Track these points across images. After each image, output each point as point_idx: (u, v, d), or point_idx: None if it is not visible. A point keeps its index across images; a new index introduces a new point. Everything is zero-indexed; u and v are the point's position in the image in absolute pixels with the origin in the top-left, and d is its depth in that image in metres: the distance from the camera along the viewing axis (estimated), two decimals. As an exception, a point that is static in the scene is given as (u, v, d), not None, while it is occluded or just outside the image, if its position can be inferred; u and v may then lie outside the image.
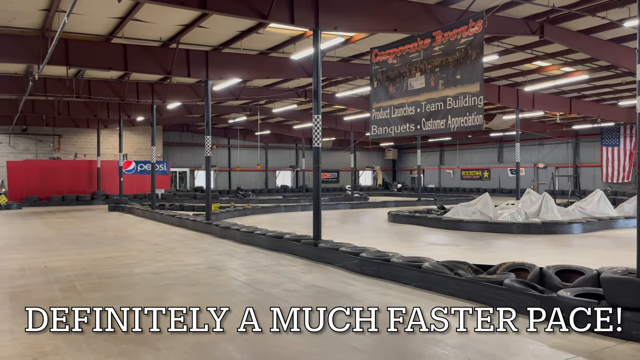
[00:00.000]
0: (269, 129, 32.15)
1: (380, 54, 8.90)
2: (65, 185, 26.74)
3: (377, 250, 7.96)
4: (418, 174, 27.50)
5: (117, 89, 18.37)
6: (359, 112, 25.15)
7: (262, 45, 13.86)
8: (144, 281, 7.23)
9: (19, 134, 28.39)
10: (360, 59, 15.10)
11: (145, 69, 13.81)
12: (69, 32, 11.86)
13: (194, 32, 12.38)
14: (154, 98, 18.89)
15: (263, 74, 15.31)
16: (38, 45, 11.83)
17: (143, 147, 31.15)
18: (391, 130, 8.67)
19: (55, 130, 28.90)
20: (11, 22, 11.40)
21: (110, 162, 27.83)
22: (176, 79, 17.90)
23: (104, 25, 11.96)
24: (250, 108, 24.77)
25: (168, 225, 15.20)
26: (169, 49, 13.49)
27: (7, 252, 9.90)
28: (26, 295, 6.25)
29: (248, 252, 9.74)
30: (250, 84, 19.05)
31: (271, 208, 20.75)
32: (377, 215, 18.81)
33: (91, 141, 29.33)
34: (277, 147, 39.10)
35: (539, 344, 4.40)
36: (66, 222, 16.50)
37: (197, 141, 34.24)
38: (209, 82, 14.11)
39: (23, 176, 25.80)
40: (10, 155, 27.92)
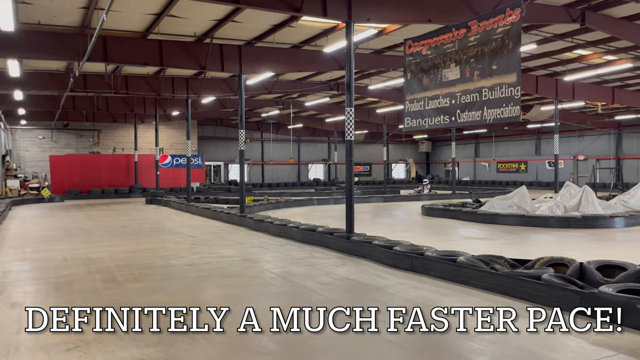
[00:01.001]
0: (301, 122, 32.25)
1: (414, 45, 8.78)
2: (105, 178, 27.55)
3: (411, 244, 7.90)
4: (453, 166, 27.10)
5: (153, 84, 18.75)
6: (391, 104, 24.93)
7: (294, 38, 13.89)
8: (180, 272, 7.39)
9: (61, 129, 29.38)
10: (394, 51, 14.94)
11: (180, 64, 14.03)
12: (107, 29, 12.16)
13: (228, 27, 12.50)
14: (189, 93, 19.19)
15: (296, 68, 15.34)
16: (78, 42, 12.18)
17: (178, 141, 31.76)
18: (425, 122, 8.56)
19: (94, 125, 29.79)
20: (52, 20, 11.76)
21: (147, 156, 28.50)
22: (210, 74, 18.14)
23: (140, 22, 12.21)
24: (282, 102, 24.89)
25: (203, 218, 15.47)
26: (203, 44, 13.67)
27: (52, 244, 10.29)
28: (69, 285, 6.48)
29: (281, 245, 9.83)
30: (282, 78, 19.13)
31: (303, 201, 20.86)
32: (411, 209, 18.65)
33: (129, 136, 30.10)
34: (309, 141, 39.20)
35: (579, 340, 4.28)
36: (106, 215, 17.01)
37: (231, 135, 34.67)
38: (243, 76, 14.24)
39: (65, 170, 26.70)
40: (53, 150, 28.95)
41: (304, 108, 26.35)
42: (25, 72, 16.17)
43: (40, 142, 29.25)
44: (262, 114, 30.05)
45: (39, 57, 13.50)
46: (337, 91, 20.66)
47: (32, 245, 10.11)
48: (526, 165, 36.45)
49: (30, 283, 6.75)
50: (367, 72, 17.92)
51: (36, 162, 28.98)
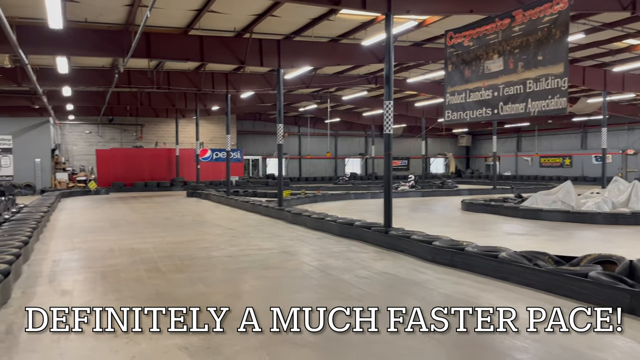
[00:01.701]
0: (338, 116, 32.20)
1: (456, 37, 8.61)
2: (147, 172, 28.30)
3: (450, 239, 7.79)
4: (494, 161, 26.49)
5: (193, 80, 19.11)
6: (430, 97, 24.55)
7: (333, 32, 13.86)
8: (220, 264, 7.53)
9: (106, 124, 30.36)
10: (433, 43, 14.70)
11: (220, 59, 14.24)
12: (150, 26, 12.46)
13: (266, 22, 12.59)
14: (228, 88, 19.48)
15: (334, 61, 15.32)
16: (122, 39, 12.54)
17: (218, 136, 32.28)
18: (466, 115, 8.40)
19: (137, 120, 30.64)
20: (98, 17, 12.14)
21: (188, 150, 29.10)
22: (249, 69, 18.34)
23: (182, 18, 12.45)
24: (320, 96, 24.90)
25: (242, 211, 15.70)
26: (243, 39, 13.82)
27: (99, 234, 10.67)
28: (116, 275, 6.71)
29: (319, 238, 9.87)
30: (320, 72, 19.14)
31: (340, 195, 20.84)
32: (450, 204, 18.37)
33: (170, 130, 30.80)
34: (346, 135, 39.11)
35: (628, 340, 4.13)
36: (149, 207, 17.49)
37: (269, 129, 34.98)
38: (281, 70, 14.33)
39: (110, 163, 27.58)
40: (99, 144, 29.97)
41: (341, 102, 26.29)
42: (73, 69, 16.78)
43: (87, 137, 30.32)
44: (299, 109, 30.17)
45: (85, 54, 13.96)
46: (375, 84, 20.51)
47: (80, 235, 10.52)
48: (571, 160, 35.23)
49: (79, 272, 7.02)
50: (406, 64, 17.70)
51: (83, 155, 30.07)
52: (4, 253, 6.62)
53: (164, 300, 5.41)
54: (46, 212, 12.98)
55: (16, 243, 7.49)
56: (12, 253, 6.64)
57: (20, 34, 10.99)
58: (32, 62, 14.86)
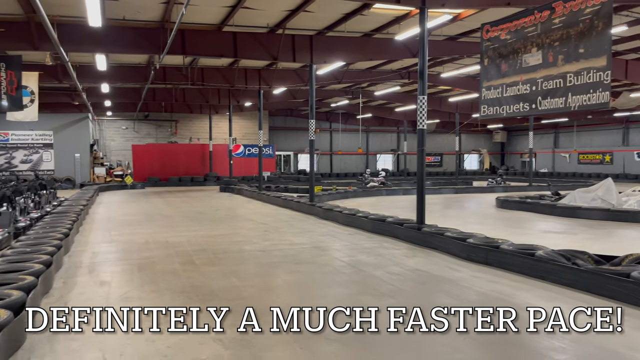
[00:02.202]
0: (370, 112, 32.02)
1: (492, 30, 8.41)
2: (181, 167, 28.81)
3: (485, 236, 7.64)
4: (530, 157, 25.88)
5: (227, 76, 19.32)
6: (465, 92, 24.13)
7: (365, 26, 13.76)
8: (253, 258, 7.61)
9: (142, 120, 31.04)
10: (469, 37, 14.42)
11: (253, 55, 14.34)
12: (185, 23, 12.64)
13: (299, 17, 12.60)
14: (261, 84, 19.60)
15: (366, 56, 15.21)
16: (158, 36, 12.77)
17: (250, 132, 32.59)
18: (502, 110, 8.20)
19: (172, 116, 31.21)
20: (136, 15, 12.39)
21: (221, 146, 29.48)
22: (282, 65, 18.40)
23: (216, 15, 12.58)
24: (352, 91, 24.81)
25: (274, 206, 15.81)
26: (276, 35, 13.88)
27: (135, 227, 10.94)
28: (151, 267, 6.86)
29: (350, 234, 9.85)
30: (352, 67, 19.04)
31: (372, 191, 20.76)
32: (484, 201, 18.05)
33: (204, 126, 31.26)
34: (378, 131, 38.87)
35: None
36: (183, 201, 17.82)
37: (301, 125, 35.09)
38: (313, 66, 14.33)
39: (145, 158, 28.21)
40: (135, 139, 30.68)
41: (374, 97, 26.13)
42: (111, 66, 17.20)
43: (124, 132, 31.08)
44: (331, 104, 30.13)
45: (123, 51, 14.29)
46: (408, 80, 20.29)
47: (117, 228, 10.81)
48: (612, 157, 34.07)
49: (116, 263, 7.22)
50: (440, 59, 17.45)
51: (120, 151, 30.86)
52: (46, 245, 6.86)
53: (198, 292, 5.49)
54: (85, 205, 13.38)
55: (57, 235, 7.75)
56: (53, 245, 6.87)
57: (61, 32, 11.31)
58: (72, 59, 15.30)
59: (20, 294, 4.39)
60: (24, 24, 11.96)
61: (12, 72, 12.88)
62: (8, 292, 4.45)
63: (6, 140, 25.53)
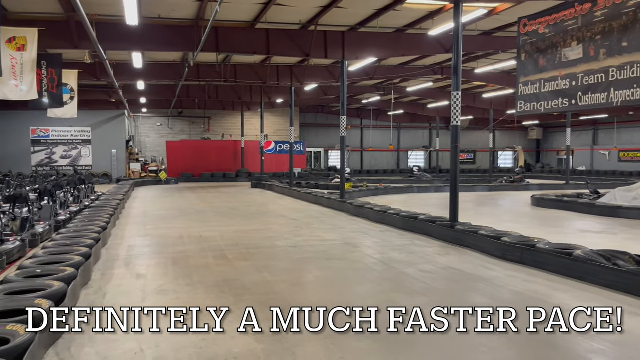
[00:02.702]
0: (402, 108, 31.73)
1: (530, 24, 8.20)
2: (214, 163, 29.22)
3: (521, 235, 7.48)
4: (567, 155, 25.16)
5: (259, 73, 19.46)
6: (499, 88, 23.64)
7: (398, 22, 13.63)
8: (285, 253, 7.66)
9: (176, 117, 31.60)
10: (504, 31, 14.11)
11: (285, 52, 14.40)
12: (219, 20, 12.76)
13: (332, 13, 12.57)
14: (293, 80, 19.67)
15: (399, 52, 15.07)
16: (193, 34, 12.96)
17: (282, 128, 32.77)
18: (540, 106, 8.00)
19: (205, 113, 31.66)
20: (171, 13, 12.60)
21: (253, 142, 29.75)
22: (313, 61, 18.42)
23: (249, 12, 12.68)
24: (383, 87, 24.64)
25: (305, 202, 15.86)
26: (308, 32, 13.89)
27: (170, 222, 11.16)
28: (185, 261, 6.98)
29: (381, 231, 9.79)
30: (384, 63, 18.90)
31: (403, 189, 20.60)
32: (519, 199, 17.67)
33: (236, 123, 31.60)
34: (409, 127, 38.48)
35: None
36: (215, 197, 18.07)
37: (332, 122, 35.06)
38: (345, 62, 14.29)
39: (179, 154, 28.72)
40: (169, 135, 31.27)
41: (405, 94, 25.88)
42: (146, 64, 17.54)
43: (158, 129, 31.71)
44: (362, 101, 30.01)
45: (158, 49, 14.57)
46: (441, 75, 20.02)
47: (152, 222, 11.04)
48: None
49: (151, 257, 7.38)
50: (474, 54, 17.12)
51: (154, 147, 31.51)
52: (85, 237, 7.07)
53: (231, 286, 5.56)
54: (121, 200, 13.71)
55: (95, 229, 7.97)
56: (92, 238, 7.07)
57: (100, 31, 11.62)
58: (110, 57, 15.68)
59: (61, 285, 4.54)
60: (64, 23, 12.33)
61: (53, 70, 13.30)
62: (50, 282, 4.60)
63: (47, 137, 26.41)
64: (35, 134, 26.18)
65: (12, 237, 7.53)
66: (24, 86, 11.37)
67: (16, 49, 11.07)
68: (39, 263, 5.53)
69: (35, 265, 5.38)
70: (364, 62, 16.15)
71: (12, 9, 11.81)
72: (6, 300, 4.15)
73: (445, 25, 11.97)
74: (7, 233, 7.66)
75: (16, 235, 7.78)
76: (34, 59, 11.15)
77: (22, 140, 25.87)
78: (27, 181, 17.31)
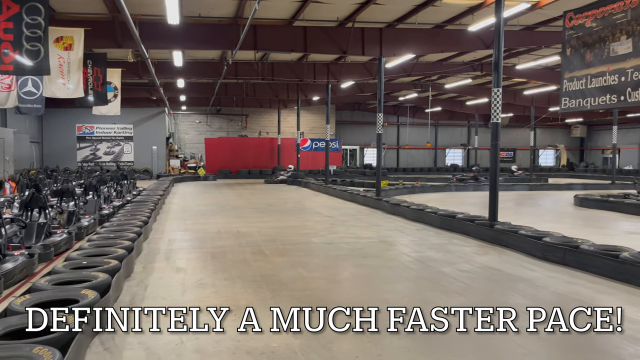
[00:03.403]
0: (439, 105, 31.27)
1: (576, 18, 7.93)
2: (251, 160, 29.55)
3: (563, 236, 7.26)
4: (613, 153, 24.24)
5: (296, 70, 19.55)
6: (541, 85, 23.01)
7: (437, 18, 13.43)
8: (320, 250, 7.69)
9: (214, 114, 32.14)
10: (547, 26, 13.71)
11: (322, 49, 14.43)
12: (257, 18, 12.87)
13: (369, 10, 12.51)
14: (329, 77, 19.67)
15: (437, 48, 14.87)
16: (231, 32, 13.13)
17: (317, 126, 32.84)
18: (587, 103, 7.72)
19: (243, 111, 32.06)
20: (210, 12, 12.81)
21: (289, 140, 29.93)
22: (350, 58, 18.37)
23: (287, 10, 12.76)
24: (421, 84, 24.35)
25: (340, 200, 15.86)
26: (345, 29, 13.87)
27: (208, 217, 11.37)
28: (223, 255, 7.10)
29: (418, 230, 9.70)
30: (422, 60, 18.65)
31: (440, 187, 20.30)
32: (561, 199, 17.16)
33: (272, 120, 31.86)
34: (447, 125, 37.87)
35: None
36: (252, 193, 18.30)
37: (367, 119, 34.89)
38: (382, 59, 14.19)
39: (217, 151, 29.20)
40: (207, 133, 31.82)
41: (443, 91, 25.51)
42: (186, 62, 17.92)
43: (197, 126, 32.32)
44: (399, 98, 29.74)
45: (198, 47, 14.85)
46: (481, 72, 19.62)
47: (191, 217, 11.28)
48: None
49: (191, 251, 7.54)
50: (515, 50, 16.72)
51: (193, 144, 32.13)
52: (127, 231, 7.30)
53: (267, 282, 5.63)
54: (162, 195, 14.07)
55: (137, 223, 8.22)
56: (134, 232, 7.29)
57: (142, 30, 11.91)
58: (151, 56, 16.07)
59: (106, 277, 4.70)
60: (108, 23, 12.72)
61: (98, 69, 13.76)
62: (95, 274, 4.78)
63: (92, 133, 27.32)
64: (81, 131, 27.11)
65: (59, 229, 7.84)
66: (71, 84, 11.81)
67: (63, 49, 11.51)
68: (84, 255, 5.75)
69: (81, 257, 5.60)
70: (402, 58, 15.99)
71: (60, 9, 12.26)
72: (55, 290, 4.33)
73: (485, 20, 11.73)
74: (54, 226, 7.98)
75: (63, 228, 8.09)
76: (80, 58, 11.57)
77: (69, 137, 26.84)
78: (73, 176, 17.97)
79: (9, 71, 9.46)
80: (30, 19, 8.81)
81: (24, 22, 8.79)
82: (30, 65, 8.99)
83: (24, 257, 5.77)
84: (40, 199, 7.72)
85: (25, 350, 3.02)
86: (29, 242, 6.94)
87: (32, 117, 23.85)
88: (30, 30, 8.80)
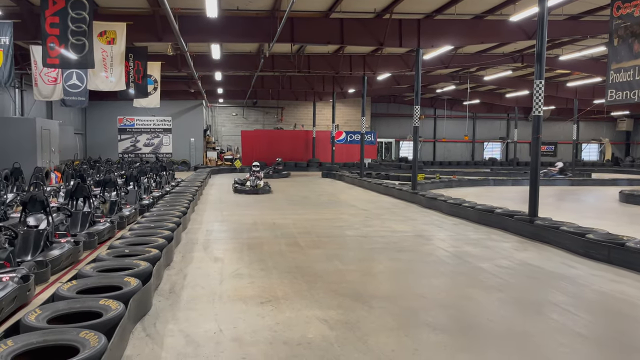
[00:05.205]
0: (478, 97, 30.61)
1: (624, 7, 7.59)
2: (286, 152, 29.70)
3: (608, 233, 7.02)
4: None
5: (332, 63, 19.48)
6: (585, 76, 22.20)
7: (477, 8, 13.12)
8: (355, 243, 7.68)
9: (250, 107, 32.43)
10: (593, 15, 13.20)
11: (359, 41, 14.31)
12: (294, 11, 12.86)
13: (407, 1, 12.34)
14: (365, 70, 19.53)
15: (477, 40, 14.52)
16: (269, 25, 13.19)
17: (352, 118, 32.71)
18: (634, 95, 7.41)
19: (278, 103, 32.23)
20: (248, 5, 12.90)
21: (324, 132, 29.94)
22: (386, 50, 18.16)
23: (324, 2, 12.72)
24: (459, 76, 23.87)
25: (375, 193, 15.79)
26: (382, 20, 13.72)
27: (244, 209, 11.52)
28: (259, 246, 7.19)
29: (455, 224, 9.56)
30: (460, 51, 18.28)
31: (478, 181, 19.94)
32: (605, 194, 16.58)
33: (307, 113, 31.93)
34: (485, 117, 37.05)
35: None
36: (287, 185, 18.42)
37: (403, 112, 34.51)
38: (420, 51, 13.99)
39: (253, 143, 29.50)
40: (243, 125, 32.17)
41: (482, 82, 24.95)
42: (223, 55, 18.10)
43: (234, 119, 32.71)
44: (436, 90, 29.27)
45: (236, 40, 14.95)
46: (522, 63, 19.07)
47: (228, 209, 11.45)
48: None
49: (228, 242, 7.66)
50: (559, 40, 16.16)
51: (230, 136, 32.54)
52: (167, 221, 7.48)
53: (303, 273, 5.67)
54: (199, 186, 14.33)
55: (176, 213, 8.40)
56: (173, 222, 7.47)
57: (182, 24, 12.11)
58: (190, 49, 16.30)
59: (147, 265, 4.84)
60: (149, 17, 12.99)
61: (139, 62, 14.09)
62: (137, 262, 4.92)
63: (132, 125, 28.04)
64: (122, 123, 27.85)
65: (102, 218, 8.11)
66: (113, 77, 12.14)
67: (106, 42, 11.82)
68: (126, 244, 5.93)
69: (123, 246, 5.78)
70: (440, 50, 15.71)
71: (103, 4, 12.60)
72: (100, 277, 4.49)
73: (528, 10, 11.37)
74: (98, 215, 8.26)
75: (106, 217, 8.37)
76: (122, 51, 11.86)
77: (110, 129, 27.63)
78: (114, 167, 18.51)
79: (55, 64, 9.79)
80: (76, 14, 9.09)
81: (69, 16, 9.08)
82: (75, 59, 9.29)
83: (70, 245, 6.00)
84: (84, 189, 8.01)
85: (73, 334, 3.14)
86: (74, 230, 7.22)
87: (76, 109, 24.68)
88: (76, 24, 9.09)
